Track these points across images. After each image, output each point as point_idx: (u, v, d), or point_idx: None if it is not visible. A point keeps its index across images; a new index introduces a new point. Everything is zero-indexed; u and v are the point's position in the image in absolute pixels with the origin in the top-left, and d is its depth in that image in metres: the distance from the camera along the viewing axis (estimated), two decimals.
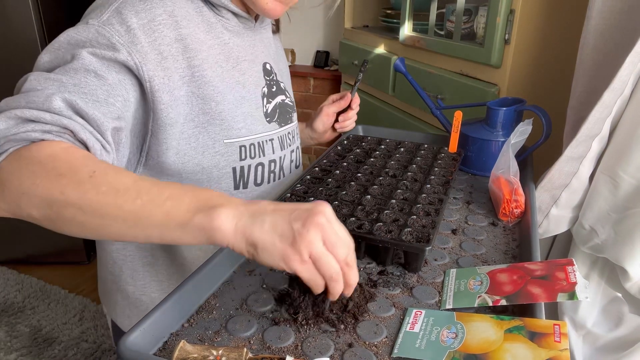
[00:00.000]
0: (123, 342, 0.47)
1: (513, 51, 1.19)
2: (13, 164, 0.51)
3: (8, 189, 0.50)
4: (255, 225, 0.47)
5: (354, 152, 0.97)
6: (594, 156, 0.87)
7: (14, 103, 0.55)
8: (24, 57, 2.19)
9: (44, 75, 0.59)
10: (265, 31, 0.88)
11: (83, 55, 0.61)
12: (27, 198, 0.50)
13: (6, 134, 0.52)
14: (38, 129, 0.53)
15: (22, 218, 0.52)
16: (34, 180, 0.50)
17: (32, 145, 0.52)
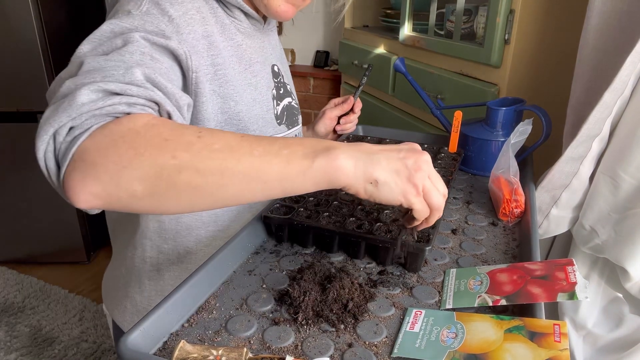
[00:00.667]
0: (123, 342, 0.47)
1: (513, 51, 1.19)
2: (103, 140, 0.47)
3: (103, 166, 0.46)
4: (374, 164, 0.50)
5: None
6: (594, 156, 0.87)
7: (88, 79, 0.50)
8: (24, 57, 2.19)
9: (103, 57, 0.54)
10: (272, 33, 0.89)
11: (136, 38, 0.57)
12: (129, 171, 0.45)
13: (90, 108, 0.47)
14: (124, 101, 0.49)
15: (117, 201, 0.47)
16: (137, 150, 0.45)
17: (122, 119, 0.48)
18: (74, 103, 0.47)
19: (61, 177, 0.47)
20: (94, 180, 0.46)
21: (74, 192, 0.47)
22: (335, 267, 0.66)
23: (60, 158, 0.48)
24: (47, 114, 0.48)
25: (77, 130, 0.47)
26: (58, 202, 2.48)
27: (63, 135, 0.47)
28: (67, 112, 0.47)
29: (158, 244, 0.81)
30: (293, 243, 0.72)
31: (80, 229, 2.55)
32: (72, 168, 0.46)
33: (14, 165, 2.42)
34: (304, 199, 0.76)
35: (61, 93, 0.50)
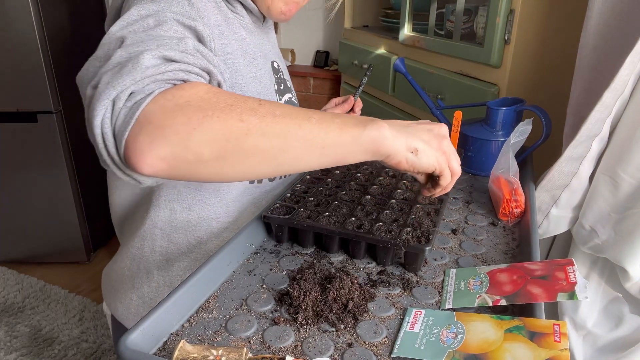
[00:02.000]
0: (123, 342, 0.47)
1: (513, 51, 1.19)
2: (168, 104, 0.47)
3: (172, 128, 0.45)
4: (412, 136, 0.55)
5: None
6: (594, 156, 0.87)
7: (143, 47, 0.50)
8: (24, 57, 2.19)
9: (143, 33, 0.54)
10: (270, 31, 0.89)
11: (168, 17, 0.57)
12: (199, 133, 0.45)
13: (153, 72, 0.48)
14: (182, 69, 0.50)
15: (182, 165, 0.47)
16: (205, 113, 0.46)
17: (184, 85, 0.49)
18: (138, 66, 0.48)
19: (123, 142, 0.46)
20: (162, 142, 0.45)
21: (140, 156, 0.46)
22: (335, 267, 0.66)
23: (120, 122, 0.47)
24: (108, 79, 0.48)
25: (139, 95, 0.47)
26: (58, 201, 2.48)
27: (123, 100, 0.47)
28: (131, 75, 0.47)
29: (168, 232, 0.81)
30: (293, 243, 0.72)
31: (80, 229, 2.55)
32: (138, 131, 0.45)
33: (14, 165, 2.42)
34: (304, 199, 0.76)
35: (114, 62, 0.50)
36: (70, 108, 2.41)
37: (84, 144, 2.55)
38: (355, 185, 0.82)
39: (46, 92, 2.25)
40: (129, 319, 0.87)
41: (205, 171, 0.48)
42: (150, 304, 0.84)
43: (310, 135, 0.49)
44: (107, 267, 0.95)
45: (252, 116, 0.47)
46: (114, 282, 0.90)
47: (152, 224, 0.80)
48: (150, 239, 0.81)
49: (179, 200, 0.78)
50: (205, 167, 0.47)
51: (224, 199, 0.80)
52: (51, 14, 2.26)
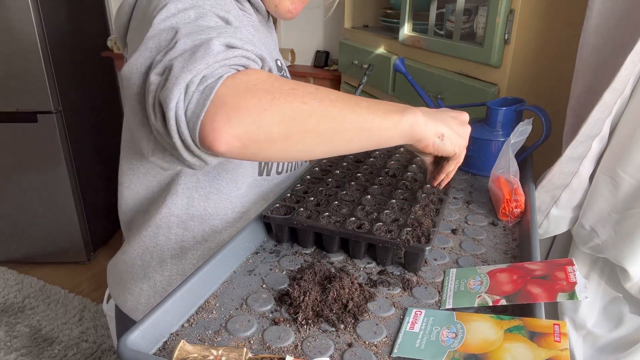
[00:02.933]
0: (123, 341, 0.47)
1: (513, 51, 1.19)
2: (239, 87, 0.51)
3: (246, 109, 0.49)
4: (441, 122, 0.62)
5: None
6: (594, 156, 0.87)
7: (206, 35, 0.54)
8: (24, 57, 2.19)
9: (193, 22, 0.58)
10: (272, 29, 0.90)
11: (207, 10, 0.61)
12: (270, 114, 0.50)
13: (223, 57, 0.52)
14: (243, 55, 0.54)
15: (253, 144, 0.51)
16: (273, 95, 0.50)
17: (248, 70, 0.53)
18: (210, 52, 0.51)
19: (198, 122, 0.49)
20: (238, 122, 0.49)
21: (217, 134, 0.49)
22: (335, 267, 0.66)
23: (194, 105, 0.50)
24: (181, 64, 0.51)
25: (209, 79, 0.50)
26: (58, 201, 2.48)
27: (196, 83, 0.50)
28: (204, 60, 0.51)
29: (185, 220, 0.81)
30: (293, 243, 0.72)
31: (80, 229, 2.55)
32: (215, 112, 0.49)
33: (14, 165, 2.42)
34: (304, 198, 0.76)
35: (180, 49, 0.53)
36: (70, 108, 2.41)
37: (84, 144, 2.56)
38: (355, 185, 0.82)
39: (46, 92, 2.25)
40: (139, 309, 0.87)
41: (272, 149, 0.52)
42: (162, 293, 0.84)
43: (361, 119, 0.54)
44: (114, 259, 0.94)
45: (313, 99, 0.52)
46: (122, 273, 0.90)
47: (168, 212, 0.81)
48: (166, 227, 0.82)
49: (197, 188, 0.79)
50: (272, 146, 0.52)
51: (239, 189, 0.81)
52: (51, 14, 2.26)
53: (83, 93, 2.56)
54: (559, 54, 1.16)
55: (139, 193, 0.84)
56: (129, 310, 0.88)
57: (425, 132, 0.60)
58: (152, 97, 0.53)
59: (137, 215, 0.86)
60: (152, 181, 0.81)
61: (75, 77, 2.45)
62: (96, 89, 2.72)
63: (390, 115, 0.57)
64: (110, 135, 2.87)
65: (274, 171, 0.85)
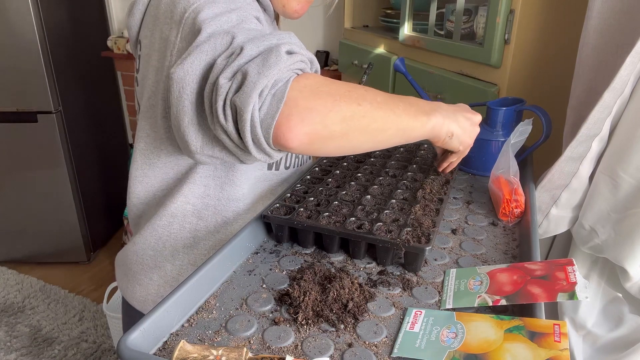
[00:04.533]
0: (123, 341, 0.47)
1: (513, 51, 1.19)
2: (305, 90, 0.56)
3: (315, 110, 0.55)
4: (455, 122, 0.70)
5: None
6: (594, 156, 0.87)
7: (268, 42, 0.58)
8: (24, 57, 2.19)
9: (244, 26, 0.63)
10: (276, 28, 0.90)
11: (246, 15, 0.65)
12: (334, 114, 0.56)
13: (289, 63, 0.56)
14: (300, 59, 0.58)
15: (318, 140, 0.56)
16: (334, 98, 0.56)
17: (307, 74, 0.59)
18: (281, 59, 0.56)
19: (274, 122, 0.55)
20: (309, 122, 0.55)
21: (291, 132, 0.55)
22: (335, 267, 0.66)
23: (267, 108, 0.55)
24: (256, 70, 0.55)
25: (280, 83, 0.56)
26: (58, 201, 2.48)
27: (269, 88, 0.55)
28: (277, 66, 0.55)
29: (200, 209, 0.82)
30: (293, 243, 0.72)
31: (80, 229, 2.55)
32: (289, 113, 0.55)
33: (14, 165, 2.42)
34: (304, 198, 0.76)
35: (247, 55, 0.57)
36: (70, 108, 2.41)
37: (84, 144, 2.56)
38: (355, 185, 0.82)
39: (46, 92, 2.25)
40: (148, 300, 0.87)
41: (332, 145, 0.59)
42: (172, 283, 0.85)
43: (399, 119, 0.62)
44: (123, 251, 0.94)
45: (365, 101, 0.58)
46: (132, 265, 0.90)
47: (184, 200, 0.82)
48: (181, 215, 0.82)
49: (214, 176, 0.81)
50: (333, 142, 0.58)
51: (249, 180, 0.82)
52: (51, 14, 2.26)
53: (83, 93, 2.56)
54: (559, 54, 1.16)
55: (153, 186, 0.84)
56: (137, 302, 0.88)
57: (440, 133, 0.68)
58: (221, 100, 0.56)
59: (148, 207, 0.87)
60: (169, 173, 0.82)
61: (75, 77, 2.45)
62: (96, 89, 2.72)
63: (420, 117, 0.64)
64: (110, 135, 2.87)
65: (282, 166, 0.87)
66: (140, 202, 0.87)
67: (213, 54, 0.59)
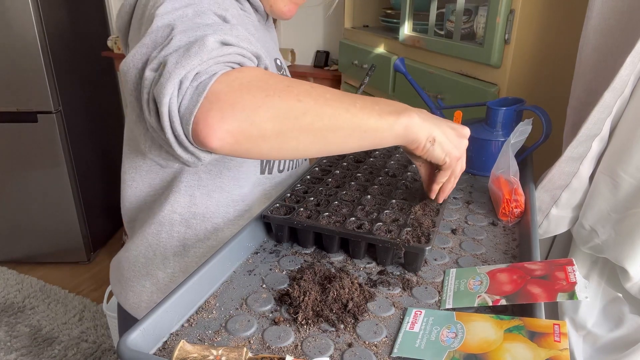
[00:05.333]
0: (123, 341, 0.47)
1: (513, 51, 1.19)
2: (233, 83, 0.51)
3: (240, 104, 0.50)
4: (435, 126, 0.61)
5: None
6: (594, 156, 0.87)
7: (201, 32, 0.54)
8: (24, 57, 2.19)
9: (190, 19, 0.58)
10: (272, 28, 0.91)
11: (205, 8, 0.61)
12: (263, 110, 0.50)
13: (217, 54, 0.52)
14: (238, 52, 0.54)
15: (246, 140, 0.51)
16: (267, 92, 0.51)
17: (243, 67, 0.54)
18: (204, 48, 0.51)
19: (192, 118, 0.50)
20: (232, 117, 0.50)
21: (210, 130, 0.49)
22: (335, 267, 0.66)
23: (187, 101, 0.50)
24: (175, 60, 0.51)
25: (203, 76, 0.51)
26: (58, 201, 2.48)
27: (190, 79, 0.50)
28: (198, 56, 0.51)
29: (187, 218, 0.81)
30: (293, 243, 0.72)
31: (80, 229, 2.55)
32: (209, 108, 0.49)
33: (14, 165, 2.42)
34: (304, 198, 0.76)
35: (175, 45, 0.53)
36: (70, 108, 2.41)
37: (84, 144, 2.56)
38: (355, 185, 0.82)
39: (46, 92, 2.25)
40: (141, 307, 0.87)
41: (265, 146, 0.52)
42: (164, 290, 0.85)
43: (356, 118, 0.54)
44: (117, 257, 0.94)
45: (308, 97, 0.52)
46: (125, 271, 0.90)
47: (171, 210, 0.81)
48: (169, 224, 0.82)
49: (200, 186, 0.80)
50: (266, 142, 0.52)
51: (241, 187, 0.81)
52: (51, 14, 2.26)
53: (83, 93, 2.56)
54: (559, 54, 1.16)
55: (142, 191, 0.84)
56: (130, 307, 0.88)
57: (419, 133, 0.59)
58: (146, 93, 0.53)
59: (140, 213, 0.87)
60: (155, 179, 0.82)
61: (75, 77, 2.45)
62: (96, 89, 2.73)
63: (386, 116, 0.56)
64: (110, 135, 2.87)
65: (276, 169, 0.85)
66: (132, 207, 0.87)
67: (153, 47, 0.56)
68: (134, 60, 0.57)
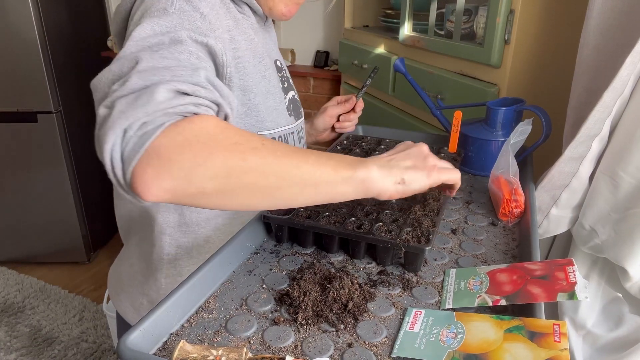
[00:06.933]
0: (123, 342, 0.47)
1: (513, 51, 1.19)
2: (177, 138, 0.49)
3: (179, 162, 0.48)
4: (395, 169, 0.57)
5: (353, 152, 0.97)
6: (594, 156, 0.87)
7: (158, 77, 0.52)
8: (24, 57, 2.19)
9: (157, 55, 0.56)
10: (271, 29, 0.90)
11: (183, 37, 0.59)
12: (203, 169, 0.48)
13: (166, 106, 0.50)
14: (193, 102, 0.52)
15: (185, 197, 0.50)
16: (211, 150, 0.49)
17: (193, 118, 0.51)
18: (152, 100, 0.49)
19: (129, 170, 0.48)
20: (168, 176, 0.48)
21: (146, 187, 0.48)
22: (335, 267, 0.66)
23: (129, 151, 0.48)
24: (122, 108, 0.49)
25: (150, 126, 0.49)
26: (58, 201, 2.48)
27: (134, 129, 0.48)
28: (145, 108, 0.49)
29: (176, 237, 0.82)
30: (293, 243, 0.72)
31: (80, 229, 2.55)
32: (146, 163, 0.48)
33: (14, 165, 2.42)
34: None
35: (129, 88, 0.51)
36: (70, 108, 2.41)
37: (84, 144, 2.56)
38: None
39: (46, 92, 2.25)
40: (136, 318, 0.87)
41: (205, 202, 0.51)
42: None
43: (306, 175, 0.52)
44: (114, 268, 0.95)
45: (254, 155, 0.50)
46: (125, 286, 0.91)
47: (160, 231, 0.81)
48: (158, 245, 0.82)
49: None
50: (206, 199, 0.51)
51: None
52: (51, 14, 2.26)
53: (83, 93, 2.55)
54: (559, 54, 1.16)
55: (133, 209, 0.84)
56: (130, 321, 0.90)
57: (382, 186, 0.56)
58: (97, 129, 0.51)
59: (132, 229, 0.87)
60: None
61: (75, 77, 2.45)
62: None
63: (341, 171, 0.54)
64: None
65: None
66: (124, 221, 0.88)
67: (118, 75, 0.55)
68: (100, 83, 0.56)
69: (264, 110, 0.78)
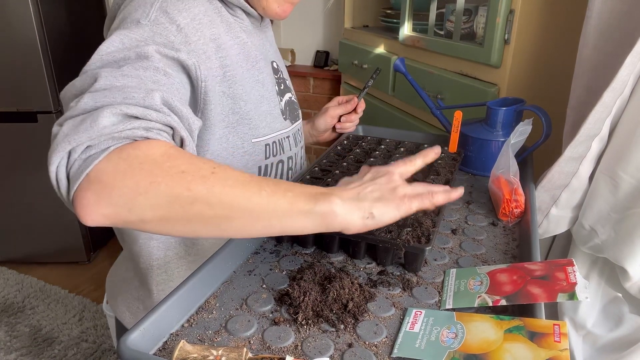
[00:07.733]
0: (123, 341, 0.47)
1: (513, 51, 1.19)
2: (120, 164, 0.48)
3: (119, 190, 0.47)
4: (362, 202, 0.53)
5: (354, 152, 0.97)
6: (594, 156, 0.87)
7: (109, 99, 0.51)
8: (24, 57, 2.19)
9: (119, 72, 0.55)
10: (268, 30, 0.90)
11: (150, 52, 0.58)
12: (144, 198, 0.47)
13: (111, 131, 0.49)
14: (142, 126, 0.51)
15: (125, 223, 0.49)
16: (154, 179, 0.47)
17: (140, 143, 0.50)
18: (95, 125, 0.48)
19: (72, 193, 0.48)
20: (107, 202, 0.47)
21: (85, 211, 0.48)
22: (335, 267, 0.66)
23: (72, 174, 0.48)
24: (67, 131, 0.49)
25: (94, 150, 0.49)
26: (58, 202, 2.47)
27: (79, 152, 0.48)
28: (88, 132, 0.48)
29: (164, 241, 0.82)
30: (293, 243, 0.72)
31: (80, 229, 2.55)
32: (87, 187, 0.47)
33: (14, 165, 2.42)
34: None
35: (80, 108, 0.51)
36: None
37: None
38: None
39: (46, 92, 2.25)
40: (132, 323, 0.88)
41: (148, 229, 0.50)
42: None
43: (258, 207, 0.49)
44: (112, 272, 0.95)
45: (201, 185, 0.48)
46: (120, 292, 0.91)
47: (148, 237, 0.81)
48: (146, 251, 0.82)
49: None
50: (147, 226, 0.49)
51: None
52: (51, 14, 2.26)
53: None
54: (559, 54, 1.16)
55: None
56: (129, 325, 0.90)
57: (347, 220, 0.52)
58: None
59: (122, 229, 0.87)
60: None
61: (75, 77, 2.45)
62: None
63: (298, 205, 0.50)
64: None
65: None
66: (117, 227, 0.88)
67: (80, 90, 0.55)
68: (65, 97, 0.56)
69: (257, 116, 0.78)
